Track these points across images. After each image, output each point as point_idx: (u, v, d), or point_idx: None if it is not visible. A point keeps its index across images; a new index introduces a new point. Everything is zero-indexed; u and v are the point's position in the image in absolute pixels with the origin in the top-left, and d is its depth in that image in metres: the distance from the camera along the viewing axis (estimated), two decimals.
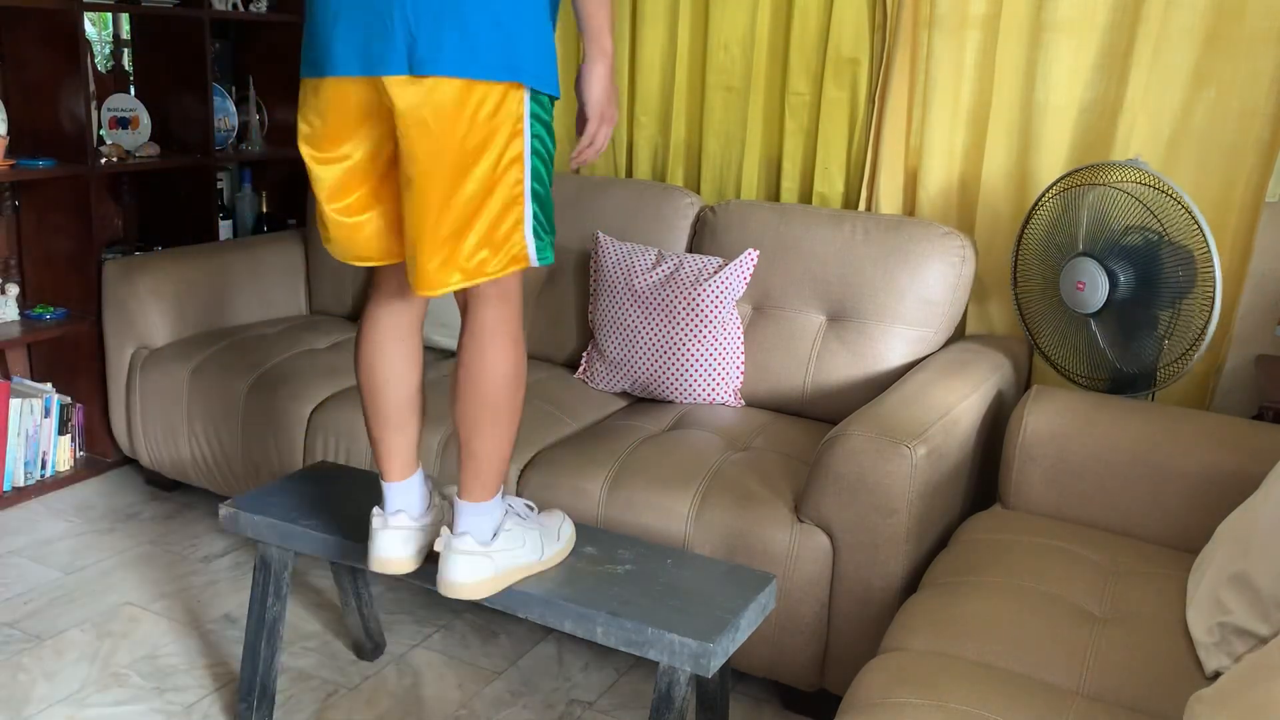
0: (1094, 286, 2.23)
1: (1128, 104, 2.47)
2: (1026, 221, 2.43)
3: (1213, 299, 2.13)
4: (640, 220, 2.85)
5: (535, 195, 1.63)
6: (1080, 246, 2.29)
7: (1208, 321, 2.14)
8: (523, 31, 1.56)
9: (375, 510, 1.81)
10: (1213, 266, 2.13)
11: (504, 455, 1.73)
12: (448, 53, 1.52)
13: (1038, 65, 2.57)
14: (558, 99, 1.67)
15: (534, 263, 1.66)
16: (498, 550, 1.73)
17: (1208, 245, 2.13)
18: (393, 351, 1.80)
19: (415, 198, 1.59)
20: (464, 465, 1.72)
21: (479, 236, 1.60)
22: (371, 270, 1.82)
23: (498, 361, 1.68)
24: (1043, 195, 2.38)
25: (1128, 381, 2.32)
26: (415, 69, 1.52)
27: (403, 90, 1.54)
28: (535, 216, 1.64)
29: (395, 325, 1.80)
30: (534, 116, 1.60)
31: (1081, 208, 2.31)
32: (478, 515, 1.73)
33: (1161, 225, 2.20)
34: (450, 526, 1.74)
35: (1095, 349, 2.33)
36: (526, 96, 1.58)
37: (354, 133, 1.64)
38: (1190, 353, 2.19)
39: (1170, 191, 2.18)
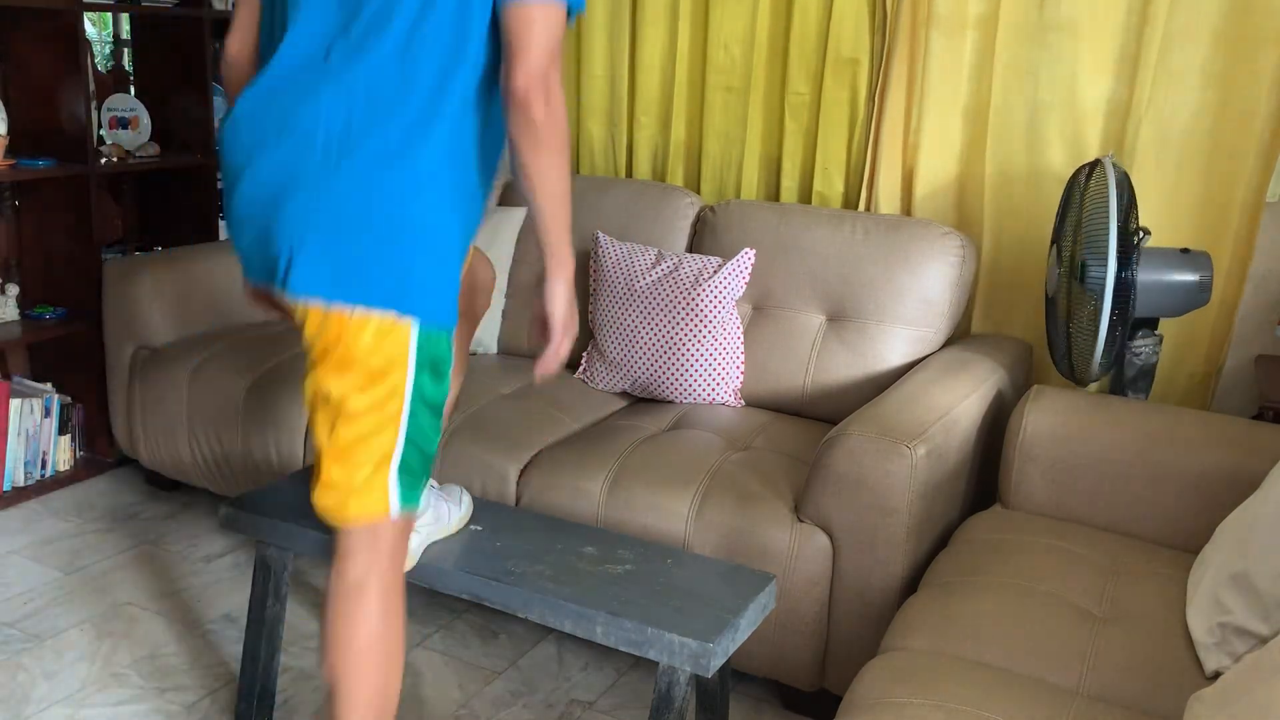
0: (1051, 272, 2.32)
1: (1127, 104, 2.47)
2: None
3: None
4: (640, 220, 2.85)
5: (410, 441, 1.53)
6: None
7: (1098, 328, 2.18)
8: (418, 255, 1.46)
9: None
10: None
11: (382, 711, 1.58)
12: (321, 275, 1.44)
13: (1038, 65, 2.57)
14: (452, 329, 1.56)
15: (393, 515, 1.55)
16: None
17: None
18: None
19: (307, 408, 1.56)
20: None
21: (342, 471, 1.52)
22: None
23: (362, 623, 1.54)
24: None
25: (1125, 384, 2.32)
26: (287, 287, 1.45)
27: (294, 305, 1.50)
28: (403, 463, 1.54)
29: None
30: (421, 350, 1.50)
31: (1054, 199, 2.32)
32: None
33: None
34: None
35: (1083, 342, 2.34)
36: (413, 330, 1.48)
37: None
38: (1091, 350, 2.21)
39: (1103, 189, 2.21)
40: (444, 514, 1.90)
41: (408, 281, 1.47)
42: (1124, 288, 2.15)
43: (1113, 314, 2.13)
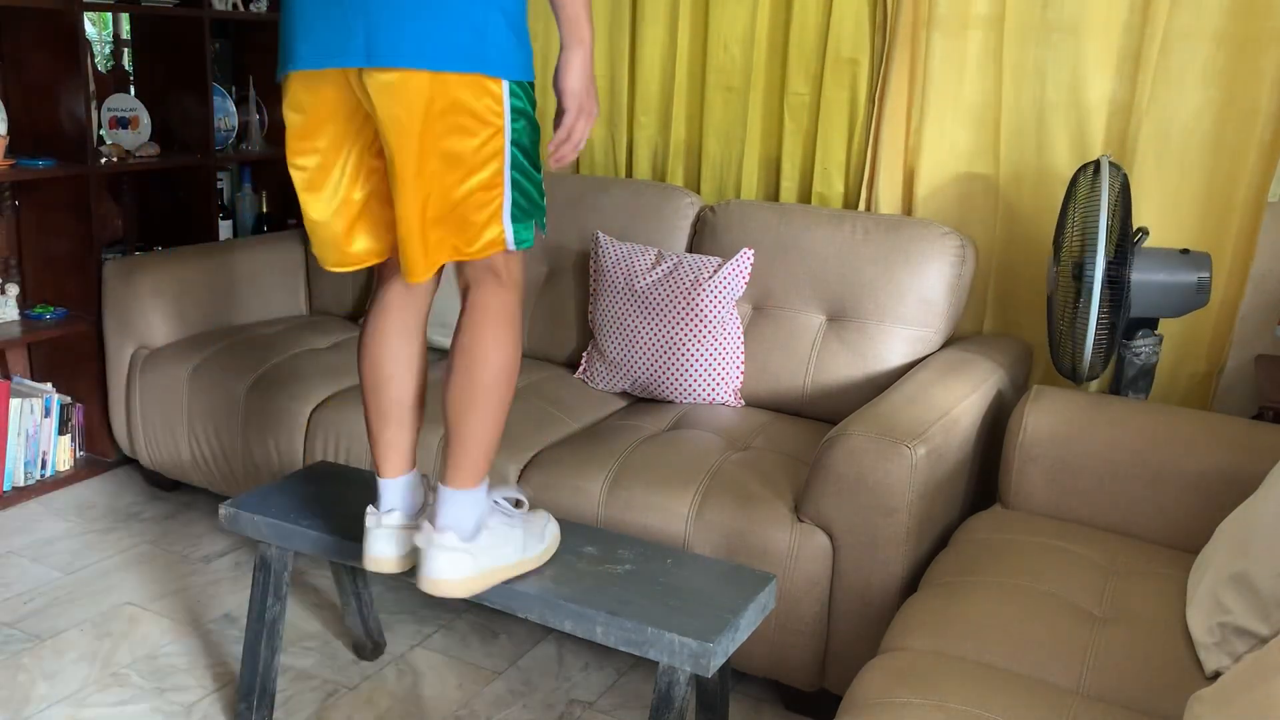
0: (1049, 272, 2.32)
1: (1127, 104, 2.47)
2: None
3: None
4: (640, 220, 2.85)
5: (515, 184, 1.61)
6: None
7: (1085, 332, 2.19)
8: (491, 17, 1.53)
9: (370, 509, 1.81)
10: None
11: (491, 442, 1.70)
12: (408, 44, 1.49)
13: (1039, 65, 2.57)
14: (533, 82, 1.64)
15: (510, 247, 1.65)
16: (480, 548, 1.70)
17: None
18: (397, 347, 1.79)
19: (398, 189, 1.58)
20: (449, 448, 1.70)
21: (457, 223, 1.59)
22: (377, 268, 1.81)
23: (493, 347, 1.66)
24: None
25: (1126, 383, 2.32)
26: (372, 60, 1.50)
27: (371, 83, 1.52)
28: (515, 204, 1.62)
29: (401, 322, 1.80)
30: (512, 106, 1.57)
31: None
32: (459, 506, 1.69)
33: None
34: (431, 520, 1.70)
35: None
36: (505, 88, 1.56)
37: (331, 128, 1.62)
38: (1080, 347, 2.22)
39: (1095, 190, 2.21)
40: (519, 547, 1.79)
41: (486, 40, 1.51)
42: (1118, 286, 2.15)
43: (1104, 311, 2.13)
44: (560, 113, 1.63)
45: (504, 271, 1.68)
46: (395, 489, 1.82)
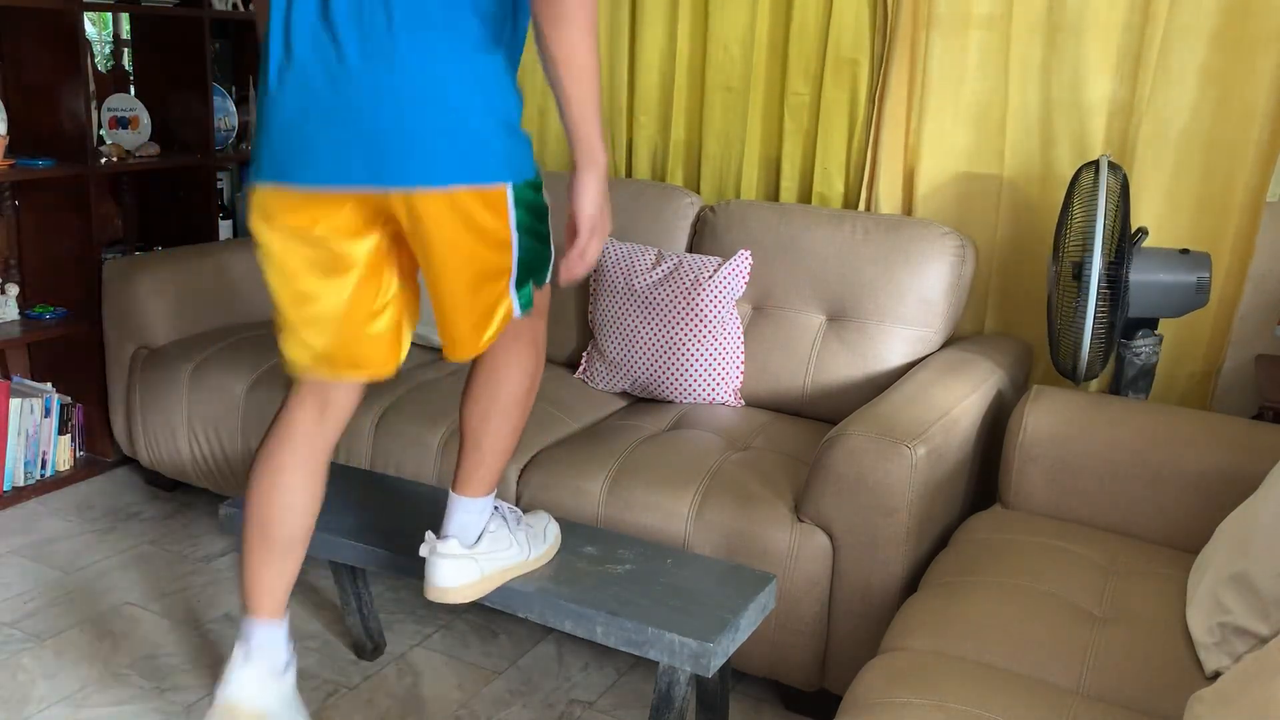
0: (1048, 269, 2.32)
1: (1127, 103, 2.47)
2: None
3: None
4: (640, 220, 2.85)
5: (521, 263, 1.60)
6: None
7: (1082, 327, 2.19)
8: (488, 126, 1.51)
9: (236, 647, 1.74)
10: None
11: (508, 453, 1.74)
12: (414, 163, 1.47)
13: (1039, 65, 2.57)
14: (536, 178, 1.61)
15: (516, 314, 1.64)
16: (483, 553, 1.73)
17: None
18: (296, 482, 1.71)
19: (433, 290, 1.60)
20: (466, 458, 1.72)
21: (476, 316, 1.61)
22: (294, 388, 1.74)
23: (517, 365, 1.69)
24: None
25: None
26: (380, 180, 1.49)
27: (391, 200, 1.52)
28: (517, 282, 1.61)
29: (308, 453, 1.72)
30: (518, 205, 1.56)
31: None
32: (468, 513, 1.72)
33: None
34: (436, 530, 1.73)
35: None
36: (509, 192, 1.54)
37: (310, 241, 1.59)
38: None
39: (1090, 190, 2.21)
40: (522, 548, 1.82)
41: (487, 150, 1.51)
42: (1116, 285, 2.15)
43: (1100, 310, 2.13)
44: (573, 233, 1.58)
45: (519, 324, 1.69)
46: (267, 632, 1.73)
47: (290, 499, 1.71)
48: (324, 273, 1.60)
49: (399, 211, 1.53)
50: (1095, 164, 2.23)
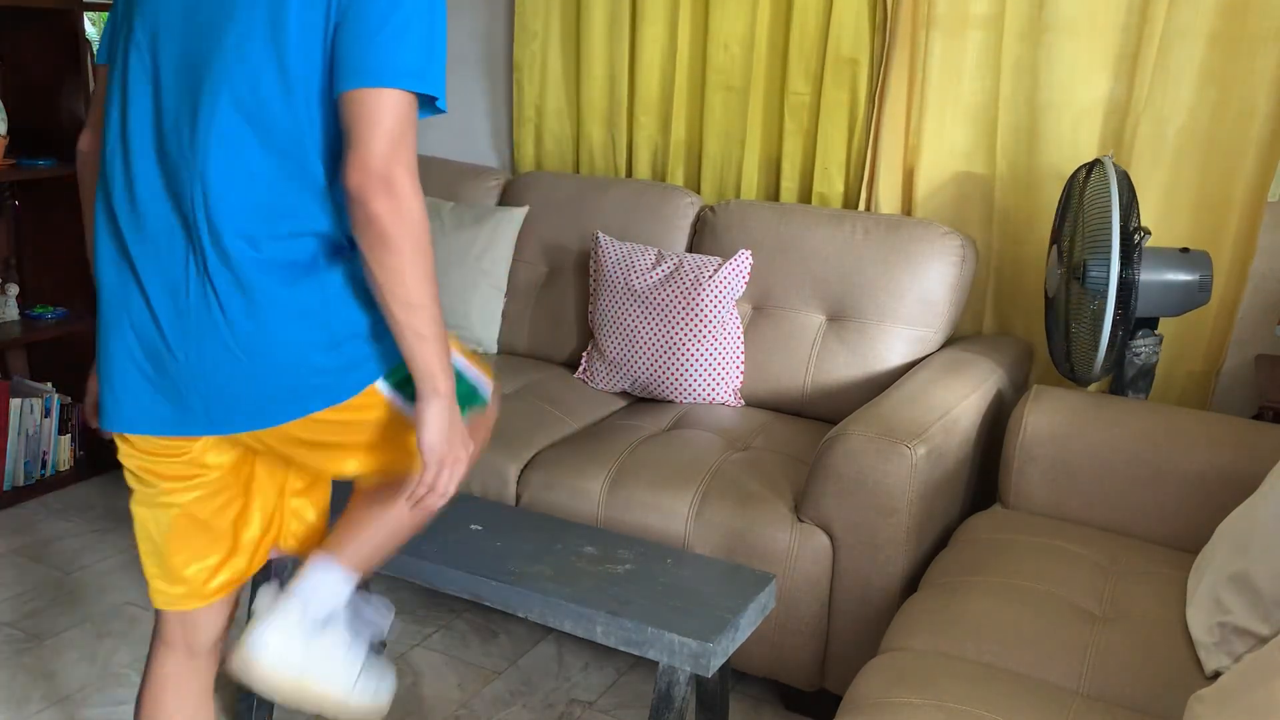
0: (1051, 271, 2.32)
1: (1126, 104, 2.47)
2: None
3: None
4: (640, 220, 2.85)
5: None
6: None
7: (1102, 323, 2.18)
8: (312, 358, 1.38)
9: None
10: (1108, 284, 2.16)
11: (382, 544, 1.57)
12: (246, 413, 1.38)
13: (1037, 65, 2.57)
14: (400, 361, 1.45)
15: (405, 413, 1.50)
16: (316, 648, 1.50)
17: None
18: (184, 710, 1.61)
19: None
20: (341, 522, 1.58)
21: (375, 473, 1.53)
22: (157, 628, 1.63)
23: (390, 520, 1.56)
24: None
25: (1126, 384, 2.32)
26: (214, 428, 1.40)
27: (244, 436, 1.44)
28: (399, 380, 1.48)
29: (186, 695, 1.62)
30: (393, 388, 1.44)
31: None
32: (323, 575, 1.52)
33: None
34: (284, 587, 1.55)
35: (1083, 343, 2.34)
36: (380, 384, 1.43)
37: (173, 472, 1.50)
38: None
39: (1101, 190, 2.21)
40: (349, 677, 1.59)
41: (353, 365, 1.41)
42: (1125, 287, 2.15)
43: (1115, 313, 2.13)
44: (421, 465, 1.42)
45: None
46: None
47: None
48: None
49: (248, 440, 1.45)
50: (1094, 164, 2.23)
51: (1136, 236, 2.19)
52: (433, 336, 1.35)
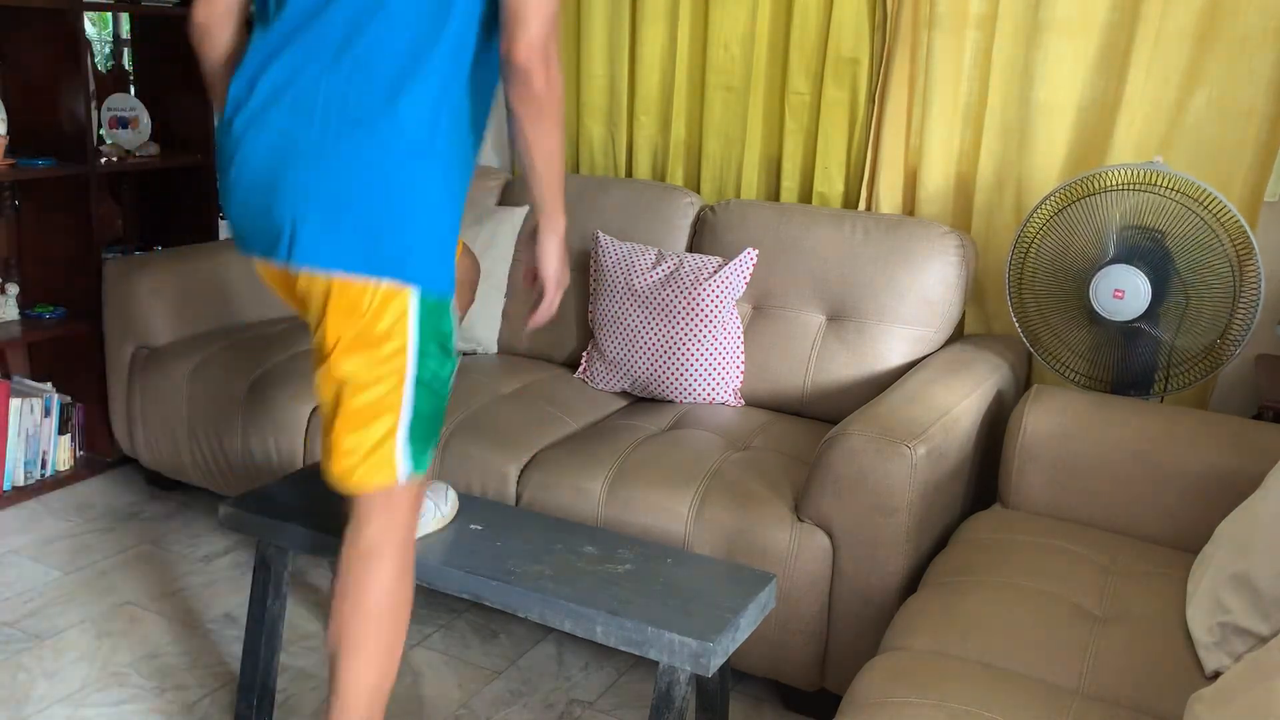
0: (1135, 293, 2.21)
1: (1125, 104, 2.47)
2: (1024, 225, 2.41)
3: (1257, 297, 2.14)
4: (640, 220, 2.85)
5: (417, 410, 1.57)
6: (1112, 252, 2.27)
7: (1252, 320, 2.16)
8: (415, 225, 1.50)
9: None
10: (1256, 265, 2.14)
11: (375, 690, 1.60)
12: (322, 246, 1.48)
13: (1036, 65, 2.57)
14: (451, 298, 1.60)
15: (400, 479, 1.58)
16: None
17: (1251, 245, 2.14)
18: None
19: (316, 381, 1.59)
20: (330, 700, 1.60)
21: (353, 439, 1.55)
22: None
23: (374, 584, 1.58)
24: (1044, 199, 2.37)
25: (1132, 384, 2.32)
26: (292, 259, 1.49)
27: (299, 278, 1.53)
28: (412, 430, 1.57)
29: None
30: (421, 320, 1.53)
31: (1112, 211, 2.28)
32: None
33: (1210, 227, 2.19)
34: None
35: (1105, 353, 2.32)
36: (413, 298, 1.52)
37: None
38: (1220, 351, 2.20)
39: (1199, 195, 2.18)
40: (427, 510, 1.89)
41: (405, 249, 1.50)
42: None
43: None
44: (533, 280, 1.74)
45: (392, 500, 1.60)
46: None
47: None
48: None
49: (299, 285, 1.54)
50: (1100, 171, 2.23)
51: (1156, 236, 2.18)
52: (560, 184, 1.63)
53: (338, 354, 1.53)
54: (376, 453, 1.56)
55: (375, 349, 1.52)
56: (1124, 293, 2.21)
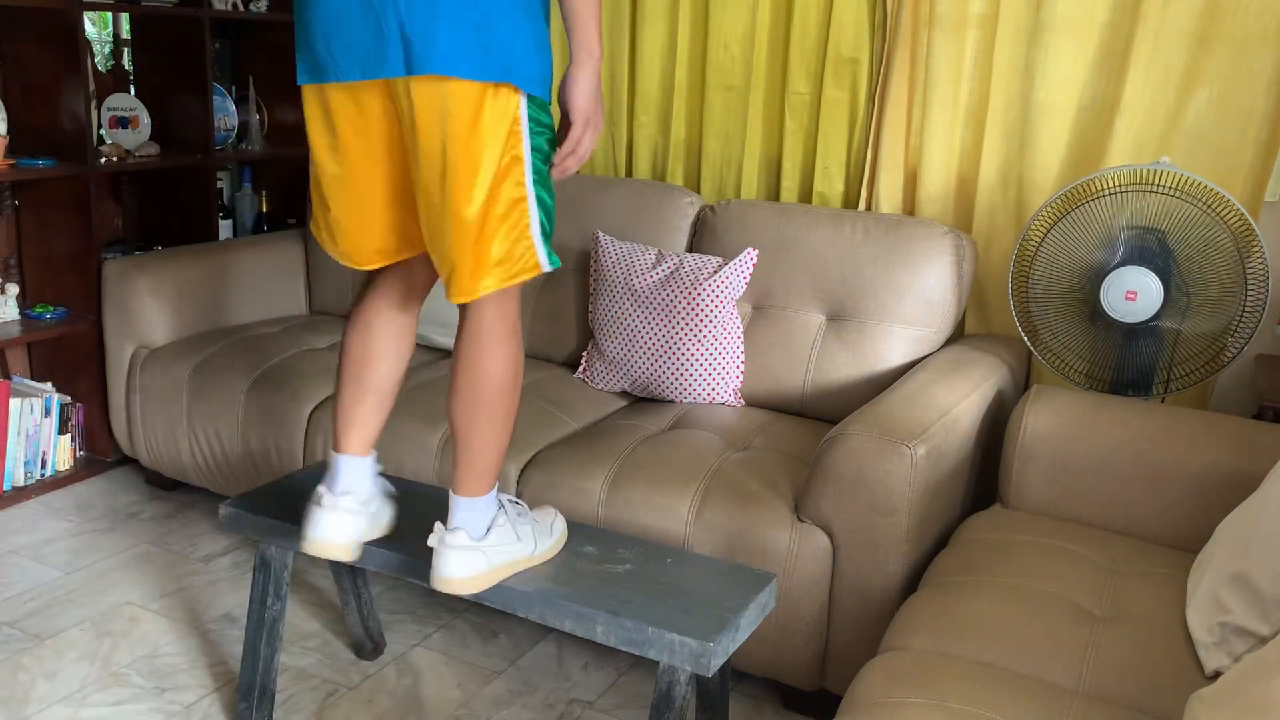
0: (1147, 295, 2.21)
1: (1125, 104, 2.47)
2: (1029, 227, 2.42)
3: (1264, 296, 2.14)
4: (640, 220, 2.85)
5: (540, 201, 1.62)
6: (1121, 254, 2.26)
7: (1258, 319, 2.15)
8: (517, 31, 1.55)
9: (321, 489, 1.81)
10: (1263, 263, 2.14)
11: (499, 451, 1.73)
12: (440, 52, 1.51)
13: (1036, 65, 2.57)
14: (549, 103, 1.65)
15: (544, 268, 1.66)
16: (490, 545, 1.74)
17: (1259, 243, 2.14)
18: (388, 336, 1.82)
19: (427, 203, 1.60)
20: (459, 460, 1.72)
21: (497, 242, 1.60)
22: (370, 272, 1.82)
23: (495, 360, 1.68)
24: (1049, 200, 2.37)
25: (1132, 384, 2.32)
26: (412, 69, 1.52)
27: (405, 92, 1.55)
28: (541, 223, 1.64)
29: (396, 315, 1.81)
30: (532, 119, 1.59)
31: (1120, 212, 2.27)
32: (471, 511, 1.72)
33: (1218, 226, 2.19)
34: (444, 522, 1.74)
35: (1105, 353, 2.32)
36: (522, 98, 1.57)
37: (364, 136, 1.63)
38: (1224, 352, 2.20)
39: (1205, 195, 2.18)
40: (528, 543, 1.83)
41: (512, 52, 1.53)
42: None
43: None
44: (566, 126, 1.64)
45: (510, 289, 1.69)
46: (353, 467, 1.81)
47: (384, 344, 1.81)
48: (334, 169, 1.70)
49: (401, 102, 1.56)
50: (1104, 173, 2.23)
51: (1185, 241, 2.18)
52: (594, 13, 1.58)
53: (462, 167, 1.55)
54: (523, 254, 1.62)
55: (499, 155, 1.56)
56: (1137, 294, 2.21)
